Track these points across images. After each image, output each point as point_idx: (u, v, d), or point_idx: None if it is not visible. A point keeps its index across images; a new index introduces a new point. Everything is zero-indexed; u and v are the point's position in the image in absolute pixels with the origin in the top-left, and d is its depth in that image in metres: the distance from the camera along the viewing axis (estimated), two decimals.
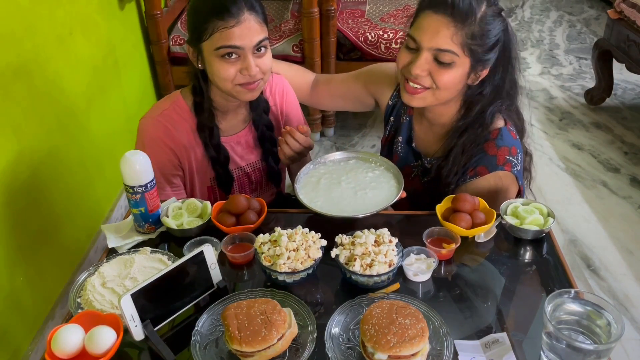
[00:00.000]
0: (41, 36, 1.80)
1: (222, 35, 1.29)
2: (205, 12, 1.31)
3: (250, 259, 1.22)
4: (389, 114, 1.56)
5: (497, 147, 1.34)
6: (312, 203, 1.29)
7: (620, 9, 2.92)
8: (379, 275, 1.09)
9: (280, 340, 0.97)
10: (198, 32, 1.32)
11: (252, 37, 1.31)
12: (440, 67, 1.28)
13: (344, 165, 1.42)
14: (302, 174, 1.39)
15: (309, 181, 1.37)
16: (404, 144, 1.52)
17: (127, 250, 1.25)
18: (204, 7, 1.32)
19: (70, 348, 0.98)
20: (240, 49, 1.31)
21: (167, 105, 1.45)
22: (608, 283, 2.09)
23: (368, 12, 2.96)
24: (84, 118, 2.09)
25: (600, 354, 0.92)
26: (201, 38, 1.32)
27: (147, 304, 1.01)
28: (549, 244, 1.25)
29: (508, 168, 1.34)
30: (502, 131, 1.35)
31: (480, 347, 1.01)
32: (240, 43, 1.30)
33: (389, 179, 1.36)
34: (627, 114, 3.19)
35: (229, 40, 1.29)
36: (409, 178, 1.50)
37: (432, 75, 1.29)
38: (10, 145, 1.64)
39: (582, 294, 1.00)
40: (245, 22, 1.30)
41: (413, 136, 1.51)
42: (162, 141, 1.43)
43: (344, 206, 1.29)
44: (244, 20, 1.29)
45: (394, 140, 1.55)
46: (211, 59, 1.33)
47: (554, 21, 4.48)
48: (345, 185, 1.35)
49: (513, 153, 1.35)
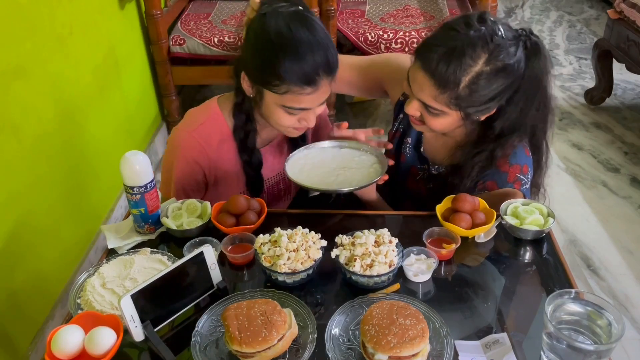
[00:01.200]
0: (41, 36, 1.80)
1: (294, 99, 1.25)
2: (284, 71, 1.21)
3: (250, 260, 1.22)
4: (399, 110, 1.52)
5: (509, 164, 1.33)
6: (296, 177, 1.30)
7: (620, 9, 2.92)
8: (379, 276, 1.09)
9: (281, 341, 0.97)
10: (266, 81, 1.25)
11: (322, 99, 1.29)
12: (430, 115, 1.27)
13: (334, 151, 1.41)
14: (294, 155, 1.39)
15: (297, 162, 1.37)
16: (412, 147, 1.50)
17: (126, 250, 1.25)
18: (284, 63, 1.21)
19: (70, 349, 0.98)
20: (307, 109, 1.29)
21: (203, 119, 1.39)
22: (608, 283, 2.09)
23: (368, 12, 2.96)
24: (84, 118, 2.09)
25: (600, 354, 0.92)
26: (267, 85, 1.25)
27: (147, 304, 1.01)
28: (549, 244, 1.25)
29: (517, 186, 1.33)
30: (517, 148, 1.34)
31: (481, 347, 1.01)
32: (310, 106, 1.28)
33: (372, 162, 1.36)
34: (627, 114, 3.19)
35: (300, 104, 1.26)
36: (415, 179, 1.49)
37: (424, 118, 1.29)
38: (10, 145, 1.64)
39: (583, 294, 1.00)
40: (320, 89, 1.25)
41: (422, 140, 1.49)
42: (194, 160, 1.38)
43: (326, 182, 1.30)
44: (320, 87, 1.25)
45: (402, 139, 1.52)
46: (273, 107, 1.28)
47: (554, 21, 4.48)
48: (329, 165, 1.35)
49: (524, 172, 1.34)
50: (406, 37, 2.69)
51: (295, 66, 1.21)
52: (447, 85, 1.19)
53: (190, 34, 2.76)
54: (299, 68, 1.21)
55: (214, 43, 2.71)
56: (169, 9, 2.82)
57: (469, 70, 1.18)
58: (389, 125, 1.59)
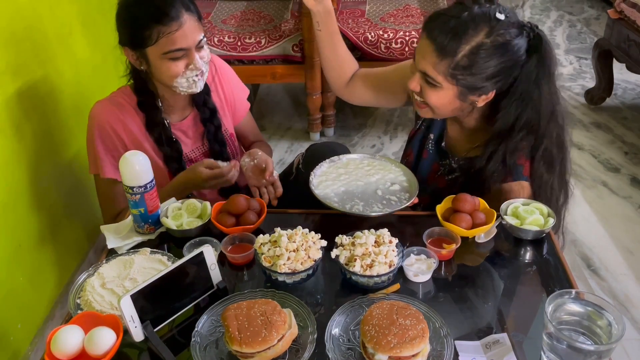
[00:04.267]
0: (41, 36, 1.80)
1: (168, 41, 1.34)
2: (145, 18, 1.35)
3: (250, 260, 1.22)
4: None
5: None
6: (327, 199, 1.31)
7: (621, 8, 2.91)
8: (379, 276, 1.09)
9: (281, 341, 0.97)
10: (140, 38, 1.36)
11: (195, 37, 1.38)
12: (428, 87, 1.29)
13: (361, 165, 1.44)
14: (318, 172, 1.40)
15: (325, 179, 1.39)
16: (434, 142, 1.52)
17: (126, 251, 1.25)
18: (141, 13, 1.36)
19: (70, 349, 0.98)
20: (186, 50, 1.37)
21: (115, 94, 1.52)
22: (608, 283, 2.09)
23: (368, 12, 2.95)
24: (84, 118, 2.08)
25: (601, 354, 0.92)
26: (144, 44, 1.36)
27: (146, 304, 1.01)
28: (549, 244, 1.25)
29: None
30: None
31: (481, 347, 1.00)
32: (186, 45, 1.36)
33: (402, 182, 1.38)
34: (627, 114, 3.18)
35: (175, 44, 1.35)
36: (435, 175, 1.50)
37: (422, 92, 1.31)
38: (10, 145, 1.64)
39: (583, 294, 1.00)
40: (186, 24, 1.35)
41: (445, 134, 1.50)
42: (109, 125, 1.47)
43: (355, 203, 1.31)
44: (185, 21, 1.35)
45: (425, 135, 1.54)
46: (158, 62, 1.38)
47: (554, 21, 4.48)
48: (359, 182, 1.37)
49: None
50: (406, 37, 2.69)
51: (152, 8, 1.34)
52: (446, 52, 1.22)
53: None
54: (155, 8, 1.34)
55: (214, 43, 2.71)
56: None
57: (470, 40, 1.22)
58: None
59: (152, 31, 1.34)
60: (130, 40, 1.40)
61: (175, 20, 1.34)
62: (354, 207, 1.29)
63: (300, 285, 1.14)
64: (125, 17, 1.40)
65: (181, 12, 1.35)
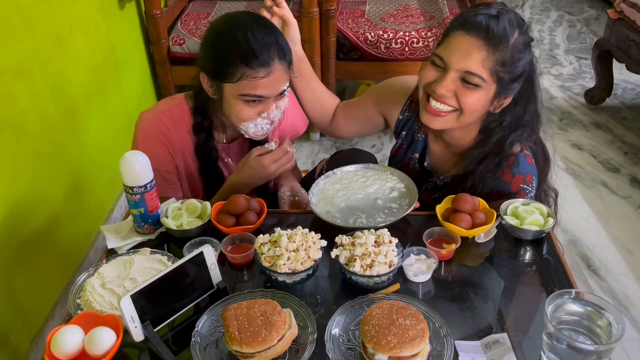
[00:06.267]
0: (41, 36, 1.80)
1: (250, 84, 1.26)
2: (233, 55, 1.25)
3: (250, 260, 1.22)
4: (400, 128, 1.53)
5: (512, 174, 1.34)
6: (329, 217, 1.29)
7: (620, 8, 2.91)
8: (379, 276, 1.09)
9: (281, 341, 0.97)
10: (222, 72, 1.28)
11: (279, 87, 1.30)
12: (467, 88, 1.25)
13: (355, 177, 1.43)
14: (315, 190, 1.38)
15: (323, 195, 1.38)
16: (417, 163, 1.51)
17: (126, 251, 1.25)
18: (231, 48, 1.26)
19: (70, 349, 0.98)
20: (265, 98, 1.30)
21: (170, 107, 1.44)
22: (608, 283, 2.09)
23: (368, 12, 2.95)
24: (83, 118, 2.08)
25: (600, 354, 0.92)
26: (224, 79, 1.29)
27: (146, 305, 1.01)
28: (549, 244, 1.25)
29: (521, 196, 1.33)
30: (519, 158, 1.34)
31: (481, 347, 1.00)
32: (267, 93, 1.29)
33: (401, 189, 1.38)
34: (627, 114, 3.19)
35: (256, 90, 1.27)
36: (420, 190, 1.50)
37: (458, 95, 1.27)
38: (10, 145, 1.64)
39: (583, 294, 1.00)
40: (274, 73, 1.27)
41: (427, 153, 1.49)
42: (158, 137, 1.41)
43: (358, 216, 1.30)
44: (274, 70, 1.27)
45: (406, 153, 1.53)
46: (232, 99, 1.31)
47: (554, 21, 4.48)
48: (359, 195, 1.37)
49: (528, 181, 1.34)
50: (406, 37, 2.69)
51: (245, 47, 1.24)
52: (499, 43, 1.22)
53: (190, 34, 2.76)
54: (250, 49, 1.24)
55: None
56: (169, 9, 2.82)
57: (513, 34, 1.23)
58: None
59: (237, 70, 1.25)
60: (212, 70, 1.31)
61: (264, 67, 1.25)
62: (357, 220, 1.28)
63: (300, 285, 1.14)
64: (214, 46, 1.30)
65: (273, 60, 1.26)
